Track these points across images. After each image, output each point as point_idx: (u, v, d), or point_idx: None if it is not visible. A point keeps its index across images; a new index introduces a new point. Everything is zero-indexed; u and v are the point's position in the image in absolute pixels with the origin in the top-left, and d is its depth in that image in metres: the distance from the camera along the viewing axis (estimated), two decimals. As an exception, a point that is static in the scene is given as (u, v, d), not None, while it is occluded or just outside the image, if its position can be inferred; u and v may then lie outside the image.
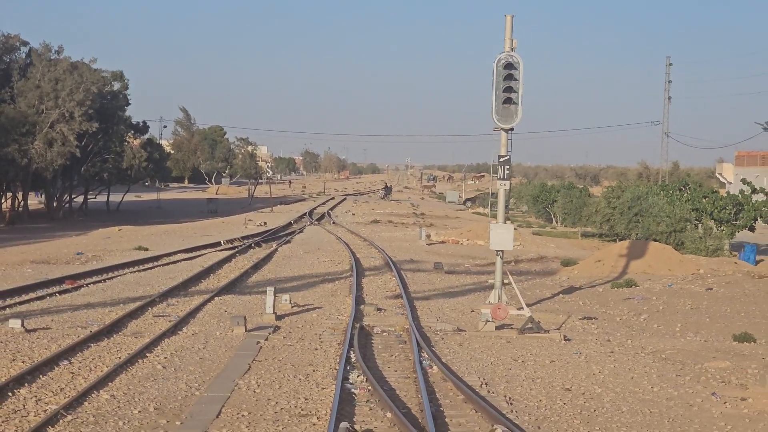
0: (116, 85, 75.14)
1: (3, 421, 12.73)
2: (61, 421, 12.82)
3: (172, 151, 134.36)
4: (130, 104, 76.45)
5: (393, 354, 18.41)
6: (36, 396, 14.14)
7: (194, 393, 14.70)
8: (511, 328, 21.49)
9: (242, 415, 13.44)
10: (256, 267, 32.82)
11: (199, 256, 36.04)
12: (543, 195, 76.18)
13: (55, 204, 71.33)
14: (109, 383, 15.02)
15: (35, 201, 77.19)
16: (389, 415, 13.58)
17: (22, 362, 16.22)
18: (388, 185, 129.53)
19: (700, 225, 50.58)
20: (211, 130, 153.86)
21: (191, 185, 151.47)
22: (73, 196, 75.27)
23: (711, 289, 28.35)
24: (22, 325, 19.32)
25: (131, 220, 65.76)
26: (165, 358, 17.19)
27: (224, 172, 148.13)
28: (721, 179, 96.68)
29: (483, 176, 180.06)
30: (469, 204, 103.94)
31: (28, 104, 62.92)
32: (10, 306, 22.53)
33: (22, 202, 68.60)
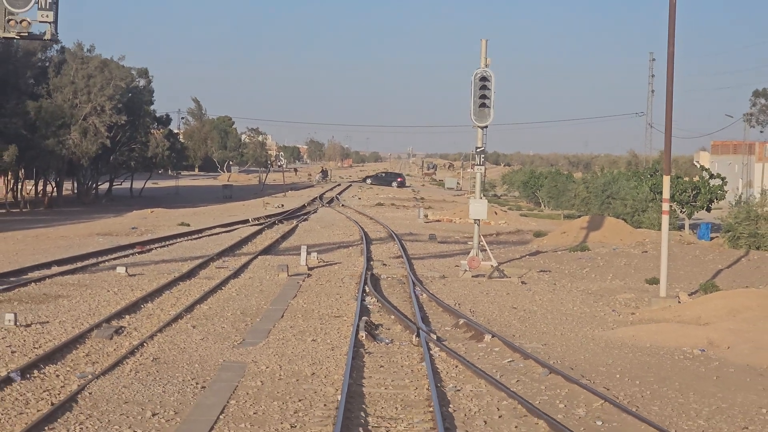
0: (142, 81, 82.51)
1: (146, 318, 20.05)
2: (183, 318, 20.15)
3: (183, 141, 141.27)
4: (154, 99, 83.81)
5: (395, 289, 25.78)
6: (159, 307, 21.47)
7: (263, 306, 22.07)
8: (484, 276, 28.81)
9: (297, 316, 20.82)
10: (284, 237, 40.18)
11: (234, 230, 43.39)
12: (532, 181, 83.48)
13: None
14: (205, 301, 22.37)
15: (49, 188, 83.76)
16: (392, 316, 20.94)
17: (140, 291, 23.50)
18: (325, 169, 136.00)
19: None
20: (220, 119, 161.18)
21: (202, 173, 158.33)
22: (98, 183, 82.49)
23: (646, 252, 35.65)
24: (126, 271, 26.67)
25: (154, 204, 72.30)
26: (236, 290, 24.56)
27: (232, 161, 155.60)
28: (698, 166, 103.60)
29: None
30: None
31: (64, 99, 69.83)
32: (106, 261, 29.89)
33: (55, 189, 75.73)
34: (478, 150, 31.48)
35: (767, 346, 18.28)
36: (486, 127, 31.23)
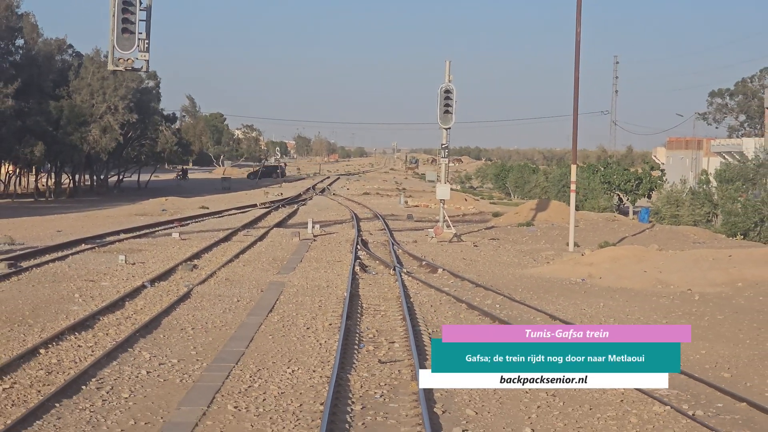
0: (150, 83, 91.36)
1: (209, 261, 29.26)
2: (233, 261, 29.37)
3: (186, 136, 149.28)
4: (161, 98, 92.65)
5: (379, 248, 35.10)
6: (214, 256, 30.68)
7: (286, 256, 31.34)
8: (446, 241, 38.13)
9: (312, 261, 30.12)
10: (289, 216, 49.47)
11: (247, 211, 52.63)
12: (502, 173, 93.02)
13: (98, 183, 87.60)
14: (244, 253, 31.59)
15: (66, 180, 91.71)
16: (377, 261, 30.29)
17: (195, 248, 32.66)
18: (185, 168, 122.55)
19: (612, 193, 67.35)
20: (212, 116, 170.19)
21: (196, 167, 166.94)
22: (109, 176, 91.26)
23: (578, 226, 44.98)
24: (179, 236, 35.87)
25: (161, 194, 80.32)
26: (264, 247, 33.82)
27: (225, 156, 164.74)
28: (656, 161, 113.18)
29: (461, 160, 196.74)
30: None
31: (82, 99, 78.37)
32: (159, 230, 39.04)
33: (71, 181, 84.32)
34: (443, 146, 40.85)
35: (626, 277, 27.62)
36: (449, 128, 40.52)
